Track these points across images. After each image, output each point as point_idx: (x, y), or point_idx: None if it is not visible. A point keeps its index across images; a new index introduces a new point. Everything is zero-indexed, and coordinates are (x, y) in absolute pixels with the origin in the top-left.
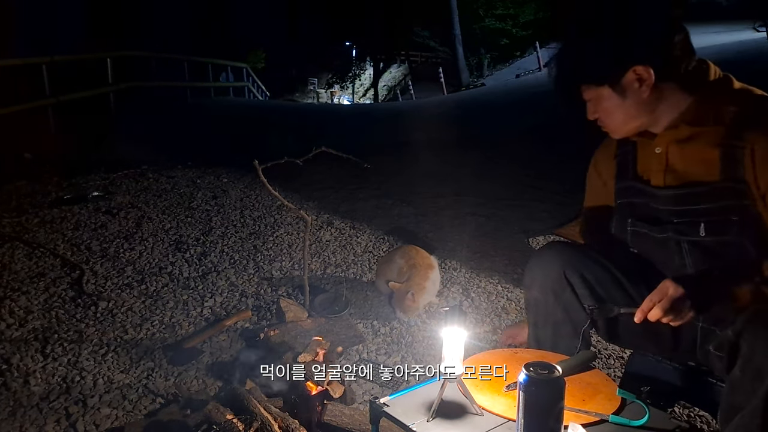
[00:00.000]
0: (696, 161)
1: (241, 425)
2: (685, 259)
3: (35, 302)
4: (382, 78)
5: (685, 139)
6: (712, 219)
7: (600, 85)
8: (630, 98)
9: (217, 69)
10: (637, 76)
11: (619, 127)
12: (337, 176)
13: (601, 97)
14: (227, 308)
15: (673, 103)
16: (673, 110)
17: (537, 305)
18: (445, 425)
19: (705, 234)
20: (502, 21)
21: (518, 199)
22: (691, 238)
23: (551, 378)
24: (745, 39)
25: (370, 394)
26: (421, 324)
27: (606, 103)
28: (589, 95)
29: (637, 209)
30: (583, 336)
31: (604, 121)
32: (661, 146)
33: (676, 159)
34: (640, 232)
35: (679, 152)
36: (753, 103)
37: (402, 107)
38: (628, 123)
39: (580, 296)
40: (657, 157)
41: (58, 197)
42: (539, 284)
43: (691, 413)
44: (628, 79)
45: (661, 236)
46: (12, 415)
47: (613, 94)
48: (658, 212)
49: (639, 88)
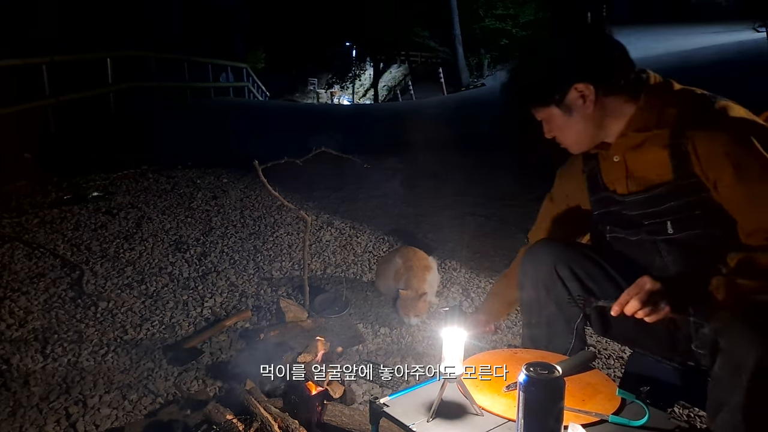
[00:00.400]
0: (650, 165)
1: (241, 425)
2: (665, 258)
3: (35, 302)
4: (382, 78)
5: (638, 145)
6: (677, 216)
7: (547, 105)
8: (576, 114)
9: (217, 69)
10: (580, 93)
11: (574, 143)
12: (337, 176)
13: (552, 116)
14: (227, 308)
15: (619, 114)
16: (620, 120)
17: (530, 303)
18: (445, 425)
19: (673, 231)
20: (502, 21)
21: (518, 199)
22: (662, 237)
23: (551, 378)
24: (745, 39)
25: (370, 394)
26: (421, 324)
27: (556, 121)
28: (540, 116)
29: (613, 216)
30: (576, 331)
31: (559, 139)
32: (618, 155)
33: (634, 165)
34: (619, 237)
35: (635, 158)
36: (691, 102)
37: (402, 107)
38: (580, 138)
39: (571, 290)
40: (617, 166)
41: (58, 197)
42: (531, 280)
43: (691, 413)
44: (571, 97)
45: (635, 239)
46: (12, 415)
47: (560, 112)
48: (630, 217)
49: (583, 104)
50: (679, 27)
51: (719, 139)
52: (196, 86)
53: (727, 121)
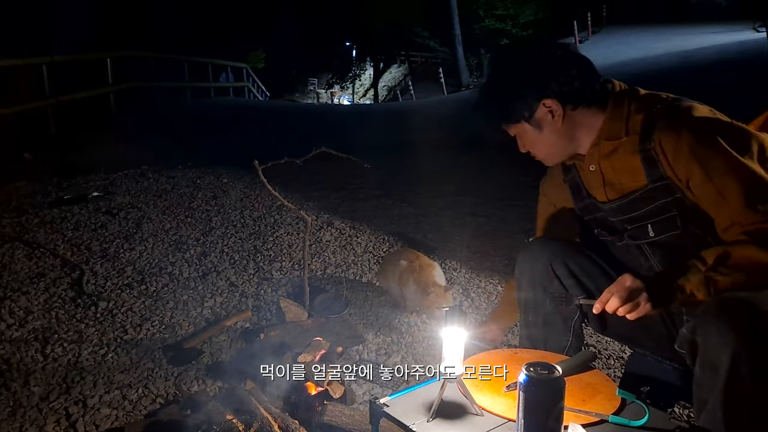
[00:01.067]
0: (624, 171)
1: (241, 425)
2: (651, 260)
3: (35, 302)
4: (382, 78)
5: (610, 153)
6: (655, 219)
7: (517, 122)
8: (547, 129)
9: (217, 69)
10: (548, 109)
11: (547, 156)
12: (337, 176)
13: (524, 132)
14: (227, 308)
15: (588, 126)
16: (591, 131)
17: (527, 302)
18: (445, 425)
19: (654, 234)
20: (502, 21)
21: (518, 199)
22: (645, 241)
23: (551, 378)
24: (745, 39)
25: (370, 394)
26: (421, 324)
27: (528, 136)
28: (513, 132)
29: (599, 222)
30: (574, 329)
31: (533, 152)
32: (593, 164)
33: (609, 173)
34: (607, 241)
35: (610, 166)
36: (656, 106)
37: (402, 107)
38: (553, 151)
39: (568, 287)
40: (594, 175)
41: (58, 197)
42: (527, 279)
43: (691, 413)
44: (540, 113)
45: (621, 243)
46: (12, 415)
47: (531, 128)
48: (613, 223)
49: (552, 119)
50: (679, 27)
51: (684, 139)
52: (196, 86)
53: (691, 121)
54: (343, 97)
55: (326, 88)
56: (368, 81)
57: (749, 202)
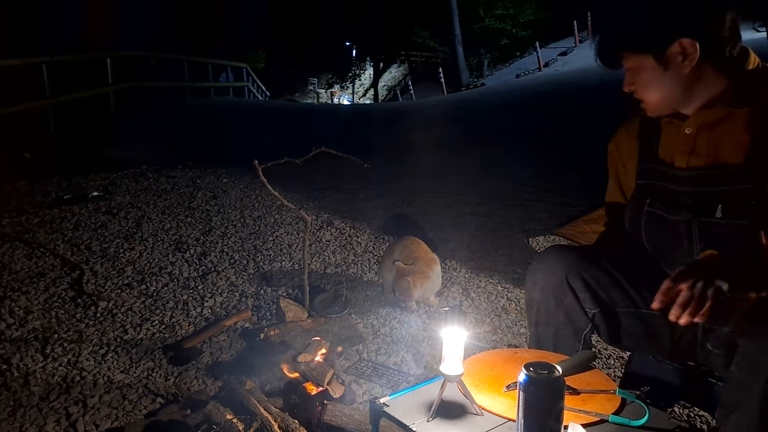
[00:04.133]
0: (725, 143)
1: (241, 425)
2: (694, 245)
3: (35, 302)
4: (382, 78)
5: (718, 121)
6: (729, 201)
7: (644, 53)
8: (671, 71)
9: (217, 69)
10: (682, 50)
11: (655, 102)
12: (337, 176)
13: (642, 67)
14: (227, 308)
15: (710, 84)
16: (708, 91)
17: (538, 306)
18: (445, 425)
19: (721, 216)
20: (502, 21)
21: (518, 199)
22: (706, 219)
23: (551, 378)
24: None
25: (370, 394)
26: (421, 324)
27: (646, 74)
28: (630, 63)
29: (656, 191)
30: (584, 340)
31: (640, 94)
32: (691, 127)
33: (703, 141)
34: (656, 214)
35: (708, 134)
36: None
37: (402, 107)
38: (663, 98)
39: (582, 300)
40: (685, 138)
41: (58, 197)
42: (540, 288)
43: (691, 413)
44: (672, 51)
45: (674, 218)
46: (12, 415)
47: (655, 64)
48: (676, 194)
49: (681, 63)
50: None
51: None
52: (196, 86)
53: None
54: (343, 97)
55: (326, 88)
56: (368, 81)
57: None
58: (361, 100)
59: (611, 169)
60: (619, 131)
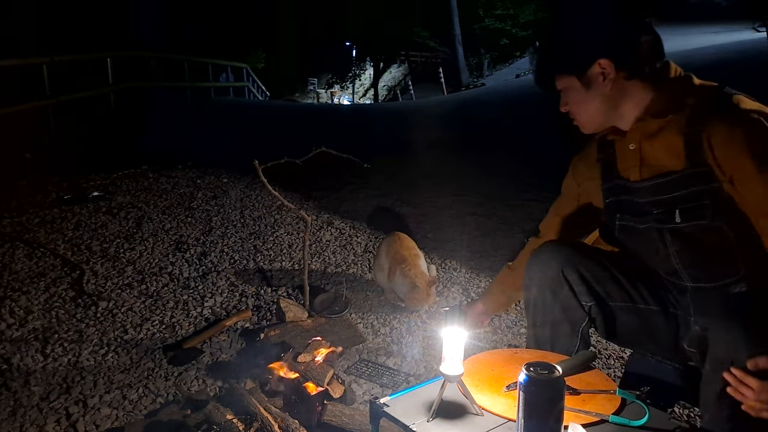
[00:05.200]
0: (665, 152)
1: (241, 425)
2: (669, 248)
3: (35, 302)
4: (382, 78)
5: (654, 132)
6: (685, 205)
7: (568, 74)
8: (594, 91)
9: (217, 69)
10: (602, 70)
11: (586, 121)
12: (337, 176)
13: (570, 88)
14: (227, 308)
15: (635, 99)
16: (636, 106)
17: (535, 304)
18: (445, 425)
19: (680, 220)
20: (502, 21)
21: (518, 199)
22: (669, 226)
23: (551, 378)
24: (745, 39)
25: (370, 394)
26: (421, 324)
27: (574, 94)
28: (561, 85)
29: (623, 205)
30: (581, 334)
31: (573, 114)
32: (634, 142)
33: (648, 153)
34: (627, 226)
35: (650, 146)
36: (710, 94)
37: (402, 107)
38: (593, 116)
39: (578, 294)
40: (632, 154)
41: (58, 197)
42: (537, 283)
43: (691, 413)
44: (593, 71)
45: (643, 227)
46: (12, 415)
47: (579, 85)
48: (640, 205)
49: (603, 82)
50: (679, 27)
51: (737, 132)
52: (196, 86)
53: (744, 113)
54: (343, 97)
55: (326, 88)
56: (368, 81)
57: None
58: (361, 100)
59: (566, 194)
60: (576, 159)
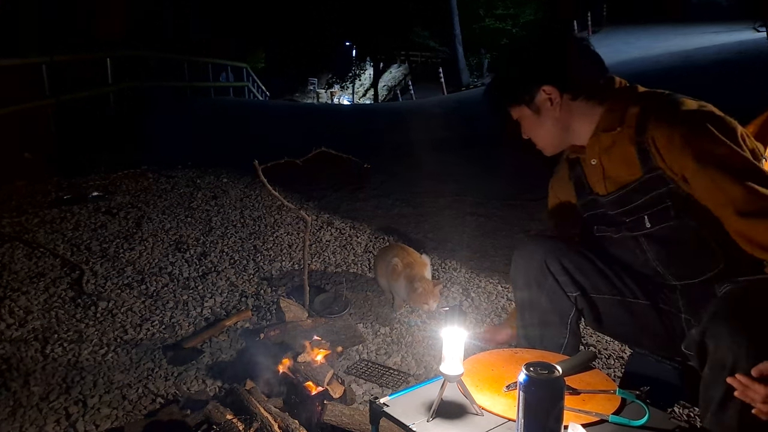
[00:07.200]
0: (621, 163)
1: (241, 425)
2: (647, 254)
3: (35, 302)
4: (382, 78)
5: (609, 146)
6: (651, 210)
7: (518, 104)
8: (545, 116)
9: (217, 69)
10: (548, 96)
11: (545, 144)
12: (337, 176)
13: (524, 116)
14: (227, 308)
15: (586, 118)
16: (588, 123)
17: (522, 298)
18: (445, 425)
19: (650, 225)
20: (502, 21)
21: (518, 199)
22: (642, 232)
23: (551, 378)
24: (745, 39)
25: (370, 394)
26: (421, 324)
27: (527, 121)
28: (515, 115)
29: (598, 218)
30: (570, 326)
31: (533, 139)
32: (594, 158)
33: (608, 166)
34: (605, 236)
35: (609, 159)
36: (650, 101)
37: (402, 107)
38: (549, 140)
39: (562, 284)
40: (595, 169)
41: (58, 197)
42: (522, 276)
43: (691, 413)
44: (540, 98)
45: (618, 236)
46: (12, 415)
47: (530, 112)
48: (611, 217)
49: (551, 107)
50: (679, 27)
51: (676, 133)
52: (196, 86)
53: (682, 114)
54: (343, 97)
55: (326, 88)
56: (368, 81)
57: (743, 183)
58: (361, 100)
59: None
60: (552, 181)
